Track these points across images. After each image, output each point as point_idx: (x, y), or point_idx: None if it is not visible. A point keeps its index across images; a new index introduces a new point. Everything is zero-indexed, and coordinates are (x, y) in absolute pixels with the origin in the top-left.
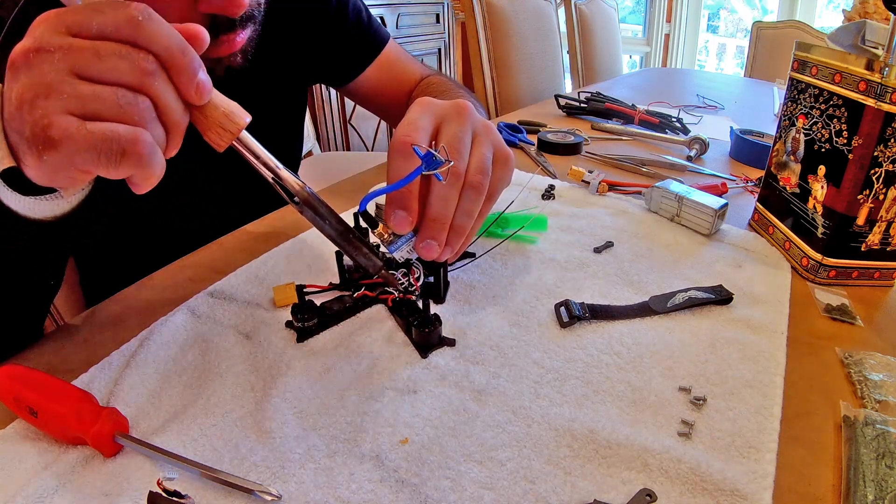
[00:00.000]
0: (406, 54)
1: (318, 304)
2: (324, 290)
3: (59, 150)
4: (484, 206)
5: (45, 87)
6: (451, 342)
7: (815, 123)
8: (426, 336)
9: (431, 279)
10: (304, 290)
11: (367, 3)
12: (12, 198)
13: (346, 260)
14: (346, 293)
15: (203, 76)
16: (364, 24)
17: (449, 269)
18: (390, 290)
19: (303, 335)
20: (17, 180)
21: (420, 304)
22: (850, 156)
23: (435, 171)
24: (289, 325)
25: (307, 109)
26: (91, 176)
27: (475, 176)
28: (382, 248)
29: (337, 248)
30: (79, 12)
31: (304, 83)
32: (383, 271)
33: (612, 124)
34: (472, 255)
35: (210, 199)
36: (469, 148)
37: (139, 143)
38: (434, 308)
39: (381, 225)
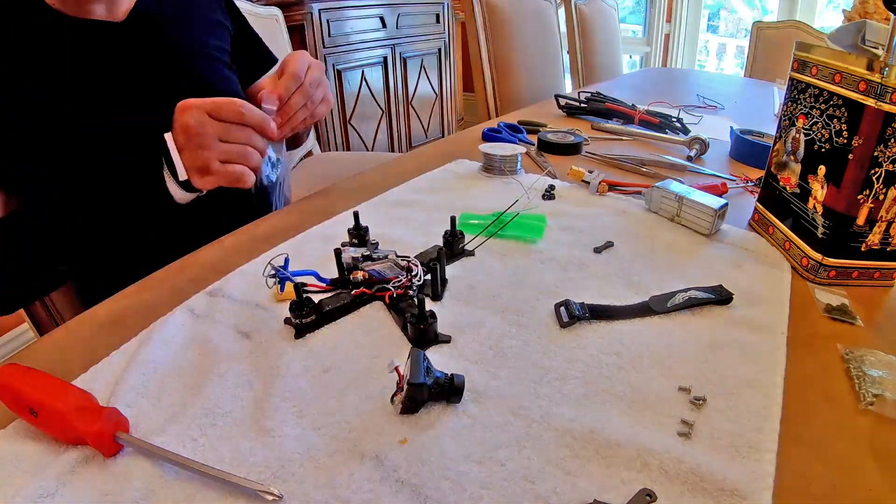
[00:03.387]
0: None
1: (317, 302)
2: (322, 290)
3: (212, 176)
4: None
5: (207, 145)
6: (446, 339)
7: (815, 123)
8: (421, 332)
9: (428, 277)
10: (304, 288)
11: (367, 2)
12: (177, 191)
13: (345, 258)
14: (344, 290)
15: (273, 126)
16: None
17: (445, 265)
18: (388, 287)
19: (301, 331)
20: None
21: (416, 300)
22: (850, 156)
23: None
24: (287, 321)
25: None
26: (220, 184)
27: (308, 87)
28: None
29: (336, 248)
30: (211, 106)
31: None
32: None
33: (612, 124)
34: (471, 253)
35: (210, 199)
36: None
37: (246, 174)
38: (433, 306)
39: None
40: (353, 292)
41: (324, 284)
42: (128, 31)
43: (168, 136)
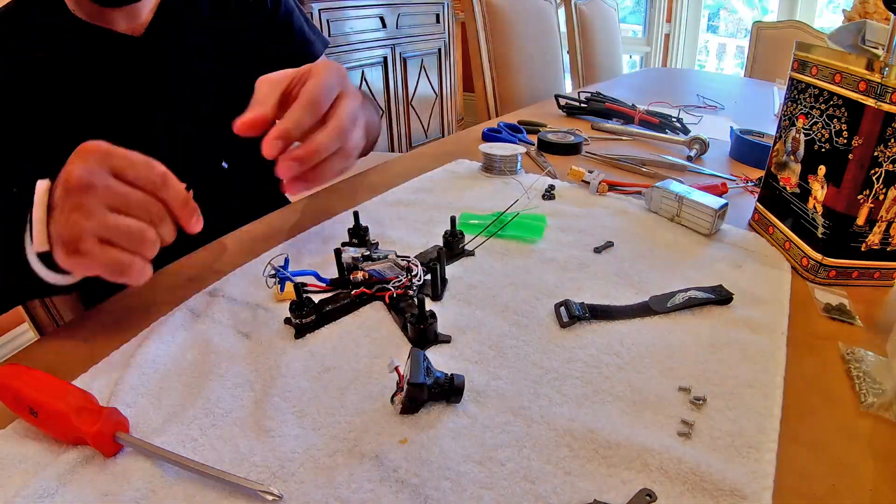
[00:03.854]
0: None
1: (317, 302)
2: (322, 290)
3: (82, 258)
4: (338, 159)
5: (86, 211)
6: (446, 339)
7: (815, 123)
8: (421, 332)
9: (428, 277)
10: (304, 288)
11: (368, 3)
12: (40, 268)
13: (345, 258)
14: (344, 290)
15: (197, 214)
16: (304, 36)
17: (445, 265)
18: (388, 287)
19: (301, 331)
20: (46, 257)
21: (416, 301)
22: (850, 156)
23: None
24: (287, 321)
25: None
26: (96, 274)
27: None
28: None
29: (336, 248)
30: (121, 159)
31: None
32: None
33: (612, 124)
34: (471, 253)
35: (210, 199)
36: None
37: (133, 268)
38: (433, 306)
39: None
40: (352, 292)
41: (323, 284)
42: (144, 47)
43: (42, 185)
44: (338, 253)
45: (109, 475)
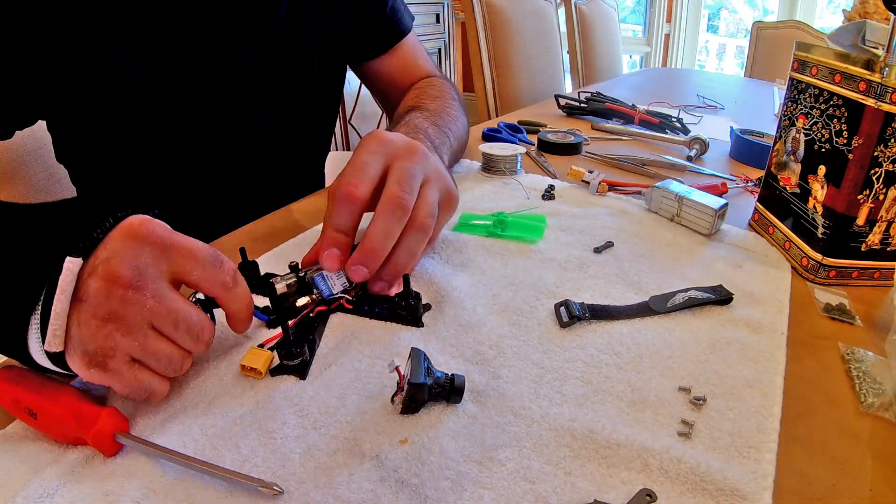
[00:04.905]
0: (422, 50)
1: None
2: (275, 339)
3: (105, 374)
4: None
5: (126, 326)
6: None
7: (815, 123)
8: (413, 310)
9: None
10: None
11: None
12: (42, 358)
13: (279, 289)
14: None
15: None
16: (396, 11)
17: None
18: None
19: (303, 368)
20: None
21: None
22: (850, 156)
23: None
24: (278, 371)
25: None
26: (104, 384)
27: (424, 219)
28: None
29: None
30: (185, 257)
31: (341, 59)
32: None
33: (612, 124)
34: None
35: (211, 199)
36: (418, 188)
37: (160, 394)
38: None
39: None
40: (299, 315)
41: (264, 321)
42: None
43: (71, 267)
44: (271, 287)
45: (109, 475)
